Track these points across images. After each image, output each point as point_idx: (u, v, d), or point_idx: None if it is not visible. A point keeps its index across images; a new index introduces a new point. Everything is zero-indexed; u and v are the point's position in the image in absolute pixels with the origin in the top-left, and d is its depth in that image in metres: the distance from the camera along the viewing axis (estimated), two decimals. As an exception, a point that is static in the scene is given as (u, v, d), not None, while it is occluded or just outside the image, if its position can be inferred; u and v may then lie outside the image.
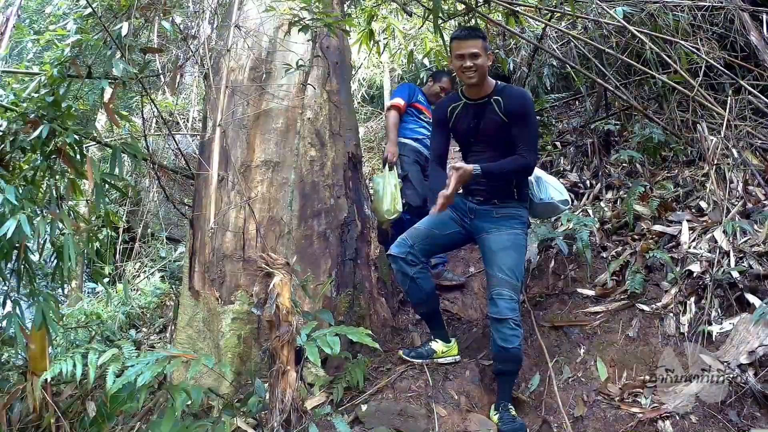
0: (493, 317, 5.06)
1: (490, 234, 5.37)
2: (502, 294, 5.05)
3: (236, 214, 6.10)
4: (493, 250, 5.30)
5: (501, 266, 5.17)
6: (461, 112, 5.54)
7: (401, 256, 5.43)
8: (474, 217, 5.53)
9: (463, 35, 5.28)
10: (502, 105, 5.31)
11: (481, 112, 5.41)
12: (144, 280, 11.44)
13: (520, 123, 5.31)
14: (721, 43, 8.34)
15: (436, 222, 5.56)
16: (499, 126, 5.34)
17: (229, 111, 6.46)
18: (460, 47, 5.24)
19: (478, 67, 5.22)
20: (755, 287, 5.39)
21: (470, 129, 5.49)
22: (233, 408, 5.09)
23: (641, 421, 4.63)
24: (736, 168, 6.82)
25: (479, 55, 5.20)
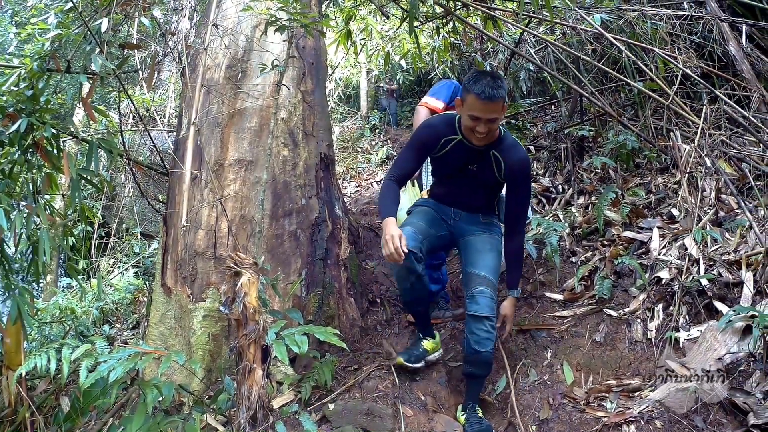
0: (471, 314, 4.91)
1: (476, 236, 5.32)
2: (484, 292, 4.93)
3: (209, 212, 6.11)
4: (479, 250, 5.21)
5: (485, 266, 5.09)
6: (455, 147, 5.07)
7: (414, 251, 4.85)
8: (459, 219, 5.44)
9: (488, 96, 4.49)
10: (502, 166, 5.04)
11: (479, 160, 5.09)
12: (118, 276, 11.41)
13: (518, 190, 5.20)
14: (699, 53, 8.41)
15: (431, 220, 5.37)
16: (491, 181, 5.19)
17: (205, 109, 6.46)
18: (478, 110, 4.56)
19: (490, 131, 4.74)
20: (724, 295, 5.42)
21: (459, 168, 5.18)
22: (203, 405, 5.10)
23: (606, 425, 4.63)
24: (709, 176, 6.87)
25: (497, 119, 4.69)
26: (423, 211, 5.45)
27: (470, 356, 4.98)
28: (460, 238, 5.43)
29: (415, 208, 5.61)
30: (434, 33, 9.53)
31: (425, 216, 5.39)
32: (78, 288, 10.38)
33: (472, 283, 5.03)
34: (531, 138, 10.47)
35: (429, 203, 5.56)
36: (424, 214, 5.41)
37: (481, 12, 7.82)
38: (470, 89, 4.56)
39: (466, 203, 5.43)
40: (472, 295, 4.97)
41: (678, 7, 8.93)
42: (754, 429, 4.11)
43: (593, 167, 8.38)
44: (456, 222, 5.45)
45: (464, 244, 5.37)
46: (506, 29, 10.33)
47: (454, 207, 5.46)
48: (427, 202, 5.62)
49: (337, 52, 12.22)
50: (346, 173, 16.91)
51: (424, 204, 5.60)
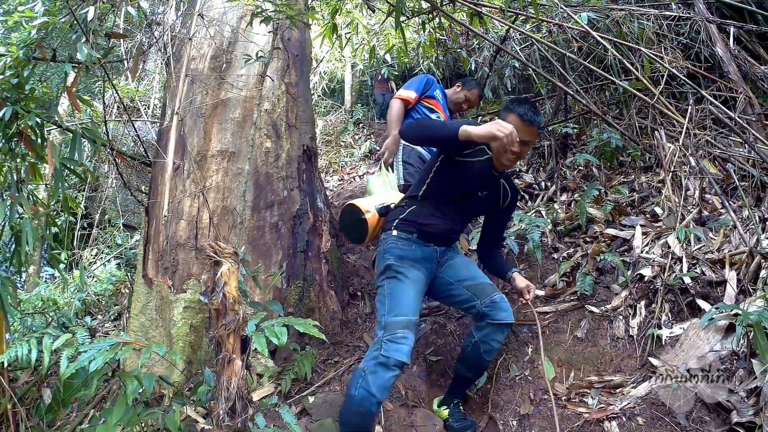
0: (496, 323, 4.69)
1: (455, 258, 5.09)
2: (503, 297, 4.77)
3: (190, 202, 6.09)
4: (467, 265, 5.03)
5: (482, 275, 4.98)
6: (482, 163, 4.81)
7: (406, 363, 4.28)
8: (440, 259, 5.02)
9: (530, 119, 4.54)
10: (508, 195, 5.12)
11: (490, 188, 4.96)
12: (100, 267, 11.37)
13: (507, 216, 5.37)
14: (686, 53, 8.41)
15: (422, 290, 4.76)
16: (490, 207, 5.15)
17: (188, 99, 6.43)
18: (520, 129, 4.48)
19: (520, 156, 4.77)
20: (707, 293, 5.42)
21: (472, 184, 4.87)
22: (183, 396, 5.08)
23: (587, 420, 4.62)
24: (693, 176, 6.87)
25: (530, 144, 4.73)
26: (414, 282, 4.67)
27: (473, 361, 4.89)
28: (441, 267, 5.05)
29: (404, 270, 4.68)
30: (420, 28, 9.51)
31: (416, 288, 4.66)
32: (60, 279, 10.33)
33: (485, 292, 4.78)
34: (515, 135, 10.42)
35: (415, 255, 4.79)
36: (416, 285, 4.67)
37: (467, 8, 7.80)
38: (513, 109, 4.59)
39: (450, 237, 5.09)
40: (493, 302, 4.71)
41: (666, 7, 8.93)
42: (737, 427, 4.10)
43: (577, 164, 8.38)
44: (438, 262, 5.03)
45: (447, 268, 5.02)
46: (492, 26, 10.33)
47: (438, 245, 5.00)
48: (412, 252, 4.80)
49: (322, 46, 12.17)
50: (328, 167, 16.91)
51: (410, 259, 4.76)
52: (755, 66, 8.07)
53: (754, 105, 7.45)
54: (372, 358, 4.21)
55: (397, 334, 4.24)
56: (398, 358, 4.14)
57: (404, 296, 4.52)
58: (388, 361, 4.13)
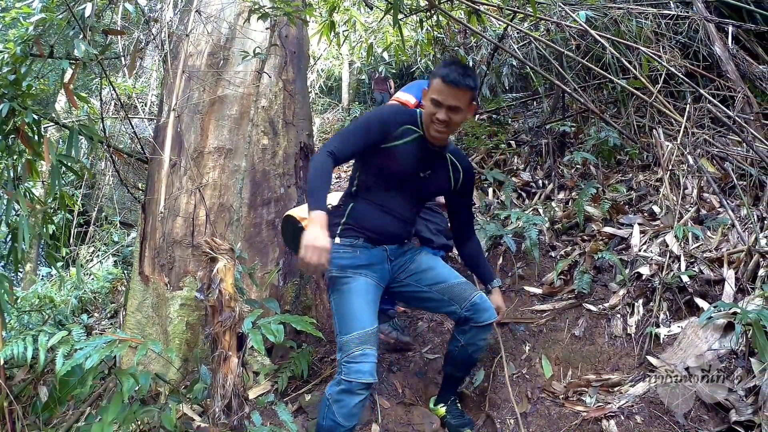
0: (481, 325, 4.47)
1: (416, 259, 4.59)
2: (482, 295, 4.49)
3: (187, 199, 6.08)
4: (432, 266, 4.58)
5: (453, 273, 4.59)
6: (413, 143, 4.33)
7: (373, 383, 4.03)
8: (395, 258, 4.51)
9: (453, 80, 4.03)
10: (460, 171, 4.59)
11: (433, 166, 4.46)
12: (97, 265, 11.37)
13: (469, 195, 4.83)
14: (684, 52, 8.41)
15: (369, 304, 4.24)
16: (442, 189, 4.66)
17: (185, 96, 6.43)
18: (441, 93, 4.06)
19: (451, 124, 4.18)
20: (705, 292, 5.41)
21: (409, 173, 4.37)
22: (179, 394, 5.07)
23: (585, 419, 4.61)
24: (691, 174, 6.87)
25: (460, 110, 4.12)
26: (361, 290, 4.24)
27: (462, 362, 4.77)
28: (398, 275, 4.56)
29: (348, 281, 4.25)
30: (418, 26, 9.49)
31: (366, 297, 4.25)
32: (57, 276, 10.34)
33: (463, 295, 4.45)
34: (512, 133, 10.43)
35: (359, 261, 4.32)
36: (364, 293, 4.25)
37: (465, 6, 7.79)
38: (437, 73, 4.14)
39: (403, 232, 4.54)
40: (473, 304, 4.42)
41: (664, 6, 8.93)
42: (736, 426, 4.10)
43: (574, 163, 8.37)
44: (392, 263, 4.52)
45: (410, 274, 4.55)
46: (490, 24, 10.31)
47: (388, 243, 4.48)
48: (356, 259, 4.33)
49: (320, 43, 12.17)
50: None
51: (353, 267, 4.30)
52: (754, 65, 8.08)
53: (752, 104, 7.46)
54: (336, 383, 4.00)
55: (354, 353, 3.95)
56: (361, 380, 3.90)
57: (353, 309, 4.15)
58: (352, 386, 3.90)
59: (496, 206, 8.06)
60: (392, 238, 4.47)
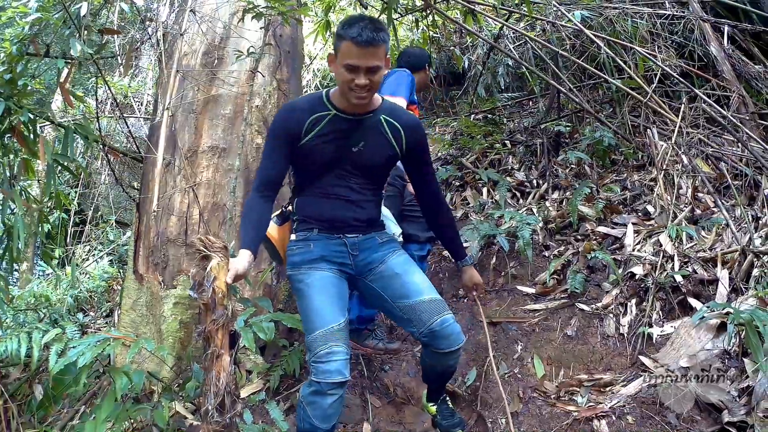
0: (444, 352, 4.04)
1: (387, 261, 4.18)
2: (446, 319, 3.98)
3: (181, 198, 6.10)
4: (400, 273, 4.12)
5: (422, 287, 4.08)
6: (329, 125, 3.96)
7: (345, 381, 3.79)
8: (358, 252, 4.17)
9: (367, 39, 3.60)
10: (400, 132, 4.09)
11: (363, 131, 4.02)
12: (93, 264, 11.38)
13: (424, 157, 4.30)
14: (679, 52, 8.41)
15: (331, 298, 3.96)
16: (387, 158, 4.14)
17: (179, 95, 6.44)
18: (356, 56, 3.65)
19: (374, 85, 3.77)
20: (699, 292, 5.44)
21: (339, 150, 4.01)
22: (172, 392, 5.09)
23: (576, 419, 4.63)
24: (686, 174, 6.88)
25: (380, 68, 3.73)
26: (320, 286, 4.00)
27: (434, 376, 4.50)
28: (366, 275, 4.22)
29: (304, 278, 4.05)
30: (414, 26, 9.51)
31: (327, 291, 4.00)
32: (53, 275, 10.36)
33: (422, 319, 3.99)
34: (507, 133, 10.40)
35: (312, 255, 4.09)
36: (324, 288, 4.00)
37: (461, 6, 7.80)
38: (345, 35, 3.67)
39: (356, 216, 4.17)
40: (431, 332, 3.97)
41: (660, 6, 8.94)
42: (728, 427, 4.11)
43: (568, 163, 8.36)
44: (356, 258, 4.18)
45: (376, 277, 4.18)
46: (486, 24, 10.32)
47: (344, 232, 4.16)
48: (309, 253, 4.10)
49: (316, 43, 12.15)
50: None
51: (307, 262, 4.09)
52: (749, 65, 8.10)
53: (747, 104, 7.48)
54: (307, 385, 3.82)
55: (320, 352, 3.72)
56: (329, 380, 3.67)
57: (314, 307, 3.90)
58: (321, 387, 3.68)
59: (490, 206, 8.06)
60: (345, 223, 4.13)
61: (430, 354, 4.12)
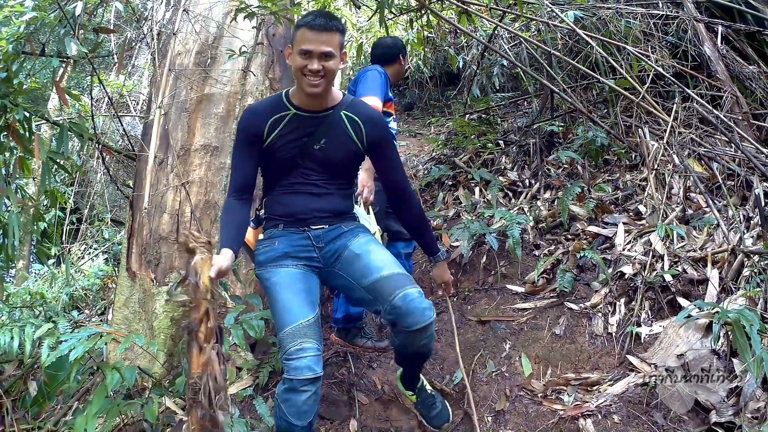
0: (411, 330, 3.84)
1: (348, 245, 4.12)
2: (408, 294, 3.80)
3: (173, 196, 6.12)
4: (360, 254, 4.05)
5: (383, 263, 3.99)
6: (289, 125, 4.03)
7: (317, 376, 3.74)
8: (324, 244, 4.14)
9: (318, 25, 3.75)
10: (361, 127, 4.10)
11: (323, 129, 4.05)
12: (88, 262, 11.41)
13: (389, 152, 4.29)
14: (673, 52, 8.43)
15: (298, 294, 3.93)
16: (350, 153, 4.15)
17: (172, 94, 6.47)
18: (309, 41, 3.74)
19: (327, 72, 3.84)
20: (688, 292, 5.44)
21: (301, 149, 4.05)
22: (162, 388, 5.12)
23: (563, 418, 4.65)
24: (678, 174, 6.89)
25: (333, 55, 3.82)
26: (286, 282, 3.99)
27: (405, 358, 4.39)
28: (333, 264, 4.18)
29: (270, 275, 4.06)
30: (408, 26, 9.51)
31: (293, 287, 3.97)
32: (48, 273, 10.39)
33: (384, 293, 3.86)
34: (501, 132, 10.42)
35: (276, 252, 4.10)
36: (290, 285, 3.98)
37: (455, 6, 7.81)
38: (300, 23, 3.84)
39: (319, 207, 4.16)
40: (394, 307, 3.80)
41: (654, 6, 8.95)
42: (716, 427, 4.12)
43: (561, 162, 8.37)
44: (321, 251, 4.15)
45: (342, 265, 4.13)
46: (480, 24, 10.33)
47: (308, 224, 4.14)
48: (273, 251, 4.11)
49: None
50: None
51: (272, 260, 4.10)
52: (743, 65, 8.10)
53: (741, 104, 7.49)
54: (281, 383, 3.77)
55: (290, 349, 3.69)
56: (301, 376, 3.64)
57: (281, 304, 3.88)
58: (294, 384, 3.65)
59: (482, 205, 8.07)
60: (308, 215, 4.12)
61: (398, 333, 3.97)
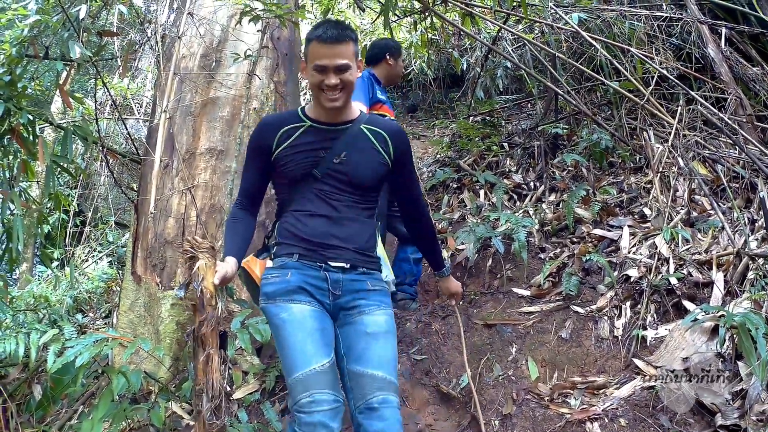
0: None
1: (365, 314, 3.62)
2: (389, 400, 3.43)
3: (179, 200, 6.13)
4: (370, 335, 3.55)
5: (381, 361, 3.49)
6: (301, 137, 3.72)
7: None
8: (340, 293, 3.63)
9: (331, 37, 3.50)
10: (388, 142, 3.81)
11: (343, 141, 3.72)
12: (92, 265, 11.42)
13: (407, 167, 3.99)
14: (677, 54, 8.41)
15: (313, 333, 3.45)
16: (378, 166, 3.78)
17: (177, 98, 6.47)
18: (323, 56, 3.50)
19: (346, 85, 3.58)
20: (694, 295, 5.42)
21: (318, 162, 3.68)
22: (169, 392, 5.12)
23: (569, 421, 4.62)
24: (682, 177, 6.88)
25: (349, 66, 3.54)
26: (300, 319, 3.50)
27: None
28: (338, 318, 3.69)
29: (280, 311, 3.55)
30: (412, 28, 9.51)
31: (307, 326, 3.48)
32: (53, 276, 10.39)
33: (368, 388, 3.44)
34: (505, 135, 10.39)
35: (288, 285, 3.58)
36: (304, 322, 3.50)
37: (459, 8, 7.81)
38: (311, 36, 3.58)
39: (338, 234, 3.70)
40: (371, 407, 3.39)
41: (657, 8, 8.94)
42: (721, 430, 4.11)
43: (565, 165, 8.34)
44: (335, 299, 3.64)
45: (348, 327, 3.65)
46: (484, 26, 10.33)
47: (326, 258, 3.66)
48: (285, 283, 3.60)
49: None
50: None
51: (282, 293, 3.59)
52: (747, 67, 8.08)
53: (745, 106, 7.47)
54: (291, 428, 3.37)
55: (302, 400, 3.26)
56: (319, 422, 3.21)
57: (292, 345, 3.43)
58: None
59: (487, 208, 8.05)
60: (326, 243, 3.66)
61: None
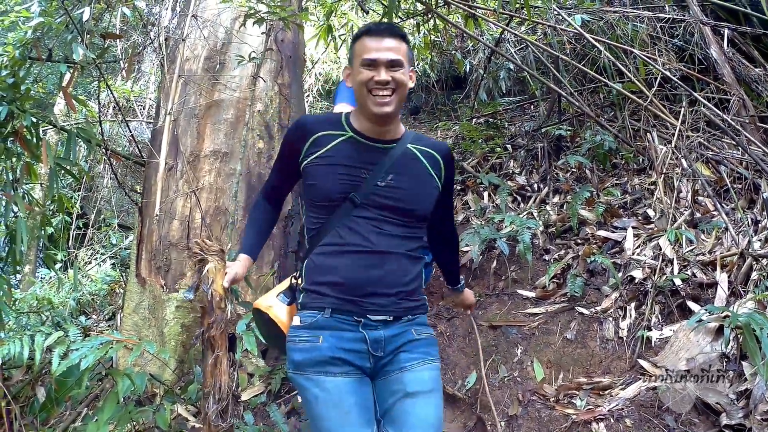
0: None
1: (407, 370, 3.00)
2: None
3: (183, 202, 6.12)
4: (410, 395, 2.92)
5: (423, 425, 2.88)
6: (339, 148, 3.12)
7: None
8: (382, 353, 3.02)
9: (382, 30, 3.06)
10: (440, 165, 3.31)
11: (390, 161, 3.12)
12: (95, 267, 11.41)
13: (451, 190, 3.56)
14: (680, 55, 8.41)
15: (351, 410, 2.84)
16: (433, 192, 3.27)
17: (182, 100, 6.47)
18: (373, 49, 3.01)
19: (398, 86, 3.02)
20: (698, 295, 5.43)
21: (358, 183, 3.06)
22: (174, 395, 5.11)
23: (575, 422, 4.64)
24: (686, 178, 6.88)
25: (401, 64, 3.03)
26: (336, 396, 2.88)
27: None
28: (379, 372, 3.06)
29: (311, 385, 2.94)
30: (415, 30, 9.50)
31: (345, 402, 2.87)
32: (56, 278, 10.39)
33: None
34: (509, 137, 10.39)
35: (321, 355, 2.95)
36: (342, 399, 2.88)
37: (462, 10, 7.80)
38: (359, 35, 3.12)
39: (382, 277, 3.04)
40: None
41: (660, 9, 8.94)
42: (726, 430, 4.12)
43: (569, 166, 8.34)
44: (377, 361, 3.04)
45: (385, 384, 3.04)
46: (487, 28, 10.32)
47: (366, 311, 3.02)
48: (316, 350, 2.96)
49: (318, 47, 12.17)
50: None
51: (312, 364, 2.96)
52: (749, 68, 8.07)
53: (747, 107, 7.46)
54: None
55: None
56: None
57: (327, 427, 2.85)
58: None
59: (491, 210, 8.04)
60: (366, 290, 3.02)
61: None
